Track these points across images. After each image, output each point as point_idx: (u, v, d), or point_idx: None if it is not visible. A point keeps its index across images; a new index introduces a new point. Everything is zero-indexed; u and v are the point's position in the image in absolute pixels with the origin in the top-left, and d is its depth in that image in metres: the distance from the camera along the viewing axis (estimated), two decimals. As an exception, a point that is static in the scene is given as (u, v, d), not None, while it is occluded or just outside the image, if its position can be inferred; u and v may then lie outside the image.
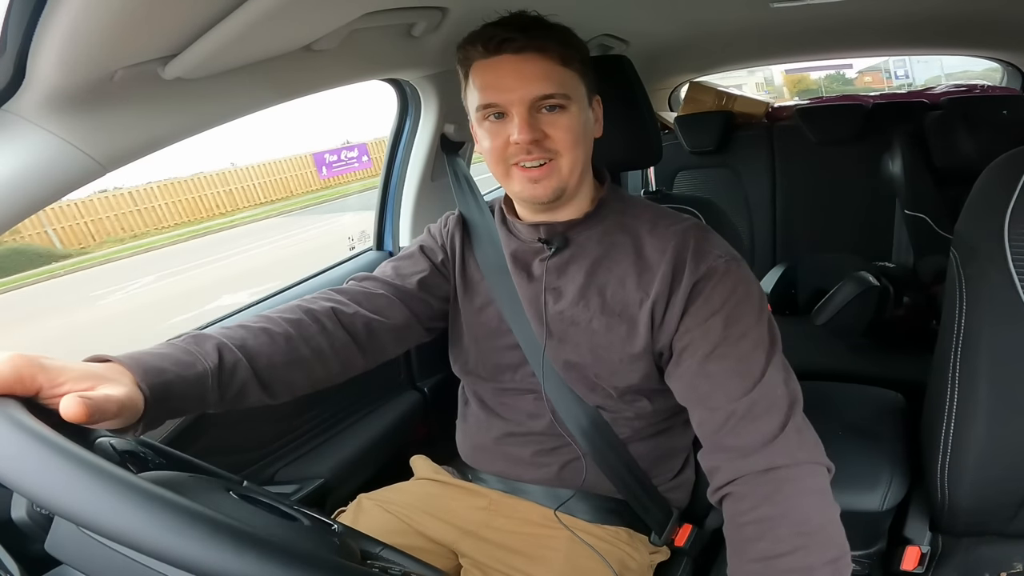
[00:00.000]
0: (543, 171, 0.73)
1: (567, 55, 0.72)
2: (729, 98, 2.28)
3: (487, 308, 0.85)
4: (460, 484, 0.90)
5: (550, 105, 0.71)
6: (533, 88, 0.70)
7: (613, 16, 1.31)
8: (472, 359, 0.88)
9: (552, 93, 0.71)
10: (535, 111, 0.72)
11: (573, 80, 0.73)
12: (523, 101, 0.71)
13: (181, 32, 0.62)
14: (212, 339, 0.65)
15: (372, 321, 0.79)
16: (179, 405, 0.59)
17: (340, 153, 10.67)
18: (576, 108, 0.73)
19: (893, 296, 1.57)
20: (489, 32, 0.72)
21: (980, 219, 0.77)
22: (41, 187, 0.63)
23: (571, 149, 0.73)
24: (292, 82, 0.87)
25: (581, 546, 0.80)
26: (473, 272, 0.87)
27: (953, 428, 0.79)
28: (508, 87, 0.71)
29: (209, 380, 0.62)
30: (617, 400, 0.80)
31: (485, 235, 0.87)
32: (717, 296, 0.72)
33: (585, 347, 0.78)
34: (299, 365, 0.72)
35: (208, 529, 0.37)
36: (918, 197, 1.70)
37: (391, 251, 1.33)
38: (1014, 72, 2.11)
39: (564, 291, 0.79)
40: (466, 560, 0.83)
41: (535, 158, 0.72)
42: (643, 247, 0.77)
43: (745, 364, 0.68)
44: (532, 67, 0.71)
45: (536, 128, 0.71)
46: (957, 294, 0.79)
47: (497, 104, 0.72)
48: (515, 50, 0.71)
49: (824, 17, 1.52)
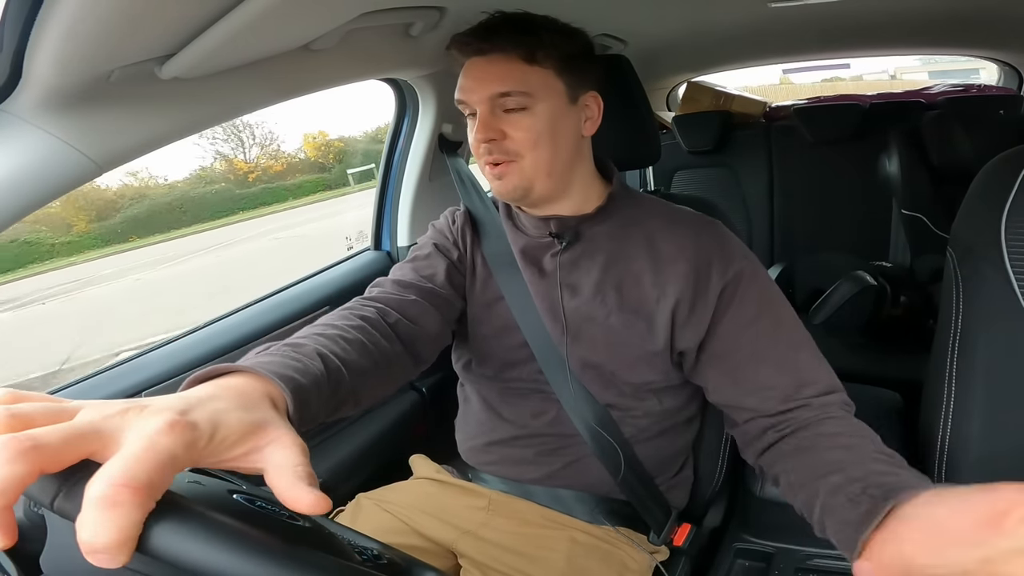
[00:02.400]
0: (503, 168, 0.75)
1: (535, 53, 0.72)
2: (727, 98, 2.29)
3: (496, 305, 0.84)
4: (459, 484, 0.90)
5: (510, 106, 0.72)
6: (492, 86, 0.72)
7: (611, 15, 1.31)
8: (478, 357, 0.87)
9: (508, 91, 0.72)
10: (497, 110, 0.73)
11: (542, 78, 0.73)
12: (481, 100, 0.73)
13: (178, 32, 0.62)
14: (310, 347, 0.57)
15: (413, 331, 0.74)
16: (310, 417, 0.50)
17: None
18: (543, 107, 0.73)
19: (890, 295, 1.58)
20: (464, 37, 0.74)
21: (977, 218, 0.77)
22: (37, 187, 0.63)
23: (532, 150, 0.73)
24: (290, 82, 0.87)
25: (581, 547, 0.80)
26: (481, 268, 0.86)
27: (950, 427, 0.79)
28: (470, 87, 0.74)
29: (324, 391, 0.54)
30: (630, 397, 0.80)
31: (492, 230, 0.86)
32: (751, 299, 0.73)
33: (602, 343, 0.78)
34: (377, 375, 0.65)
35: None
36: (915, 197, 1.71)
37: (389, 251, 1.33)
38: (1011, 72, 2.11)
39: (579, 286, 0.79)
40: (465, 560, 0.83)
41: (494, 158, 0.74)
42: (657, 242, 0.77)
43: (791, 361, 0.71)
44: (494, 67, 0.73)
45: (493, 128, 0.73)
46: (954, 293, 0.79)
47: (464, 102, 0.75)
48: (479, 52, 0.73)
49: (822, 17, 1.52)
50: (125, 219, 18.24)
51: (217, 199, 18.73)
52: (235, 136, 21.82)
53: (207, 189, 19.48)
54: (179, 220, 17.82)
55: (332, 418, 0.58)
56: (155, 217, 17.95)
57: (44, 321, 8.61)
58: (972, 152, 1.56)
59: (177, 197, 19.25)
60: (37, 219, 16.24)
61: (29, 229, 15.78)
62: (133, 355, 0.96)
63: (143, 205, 18.54)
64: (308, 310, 1.13)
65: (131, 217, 18.25)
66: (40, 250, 15.96)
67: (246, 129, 21.98)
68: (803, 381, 0.69)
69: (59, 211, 16.95)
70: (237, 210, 17.91)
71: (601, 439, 0.79)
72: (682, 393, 0.84)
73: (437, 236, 0.89)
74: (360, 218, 2.91)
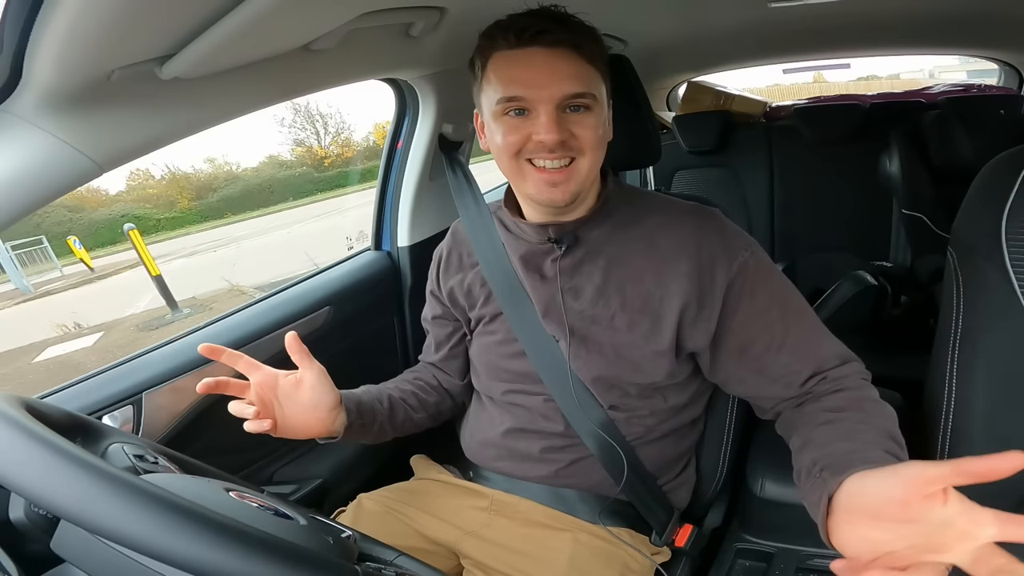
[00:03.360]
0: (563, 174, 0.70)
1: (596, 53, 0.70)
2: (727, 98, 2.28)
3: (496, 314, 0.85)
4: (462, 484, 0.90)
5: (576, 105, 0.69)
6: (565, 86, 0.68)
7: (611, 15, 1.31)
8: (482, 364, 0.89)
9: (583, 92, 0.69)
10: (561, 110, 0.69)
11: (598, 80, 0.71)
12: (553, 99, 0.68)
13: (178, 32, 0.62)
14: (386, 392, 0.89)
15: (454, 385, 0.97)
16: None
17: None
18: (599, 109, 0.71)
19: (891, 295, 1.58)
20: (523, 22, 0.68)
21: (977, 218, 0.77)
22: (38, 187, 0.63)
23: (593, 150, 0.71)
24: (290, 82, 0.87)
25: (584, 547, 0.80)
26: (478, 285, 0.87)
27: (951, 426, 0.79)
28: (537, 83, 0.68)
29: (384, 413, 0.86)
30: (635, 398, 0.80)
31: (486, 240, 0.86)
32: (759, 290, 0.74)
33: (608, 345, 0.78)
34: (414, 420, 0.92)
35: (198, 525, 0.38)
36: (915, 196, 1.71)
37: (389, 251, 1.33)
38: (1011, 72, 2.11)
39: (582, 290, 0.79)
40: (467, 561, 0.83)
41: (558, 157, 0.70)
42: (657, 240, 0.77)
43: (806, 342, 0.73)
44: (565, 64, 0.68)
45: (563, 128, 0.68)
46: (954, 293, 0.79)
47: (522, 99, 0.69)
48: (550, 43, 0.68)
49: (822, 16, 1.52)
50: (221, 198, 21.42)
51: (300, 181, 21.83)
52: (311, 125, 24.62)
53: (291, 172, 22.87)
54: (267, 199, 20.69)
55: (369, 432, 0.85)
56: (247, 197, 21.00)
57: (207, 267, 9.59)
58: (973, 152, 1.56)
59: (265, 179, 22.36)
60: (145, 198, 21.53)
61: (136, 206, 20.28)
62: (133, 355, 0.96)
63: (237, 186, 22.11)
64: (308, 310, 1.12)
65: (226, 196, 21.50)
66: (147, 224, 18.84)
67: (320, 119, 24.78)
68: (820, 359, 0.72)
69: (163, 191, 21.63)
70: (315, 191, 20.74)
71: (604, 442, 0.79)
72: (687, 389, 0.83)
73: (431, 282, 0.96)
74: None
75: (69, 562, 0.45)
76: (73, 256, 10.87)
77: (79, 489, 0.37)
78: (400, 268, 1.31)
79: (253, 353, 1.04)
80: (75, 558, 0.44)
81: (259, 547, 0.38)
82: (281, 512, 0.53)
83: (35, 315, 7.80)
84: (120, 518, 0.37)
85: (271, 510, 0.52)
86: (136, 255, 5.71)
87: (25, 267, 11.20)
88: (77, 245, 10.95)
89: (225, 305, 1.74)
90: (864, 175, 1.94)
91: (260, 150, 35.03)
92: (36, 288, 10.75)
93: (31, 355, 5.98)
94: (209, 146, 27.26)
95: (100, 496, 0.37)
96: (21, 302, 9.98)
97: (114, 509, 0.37)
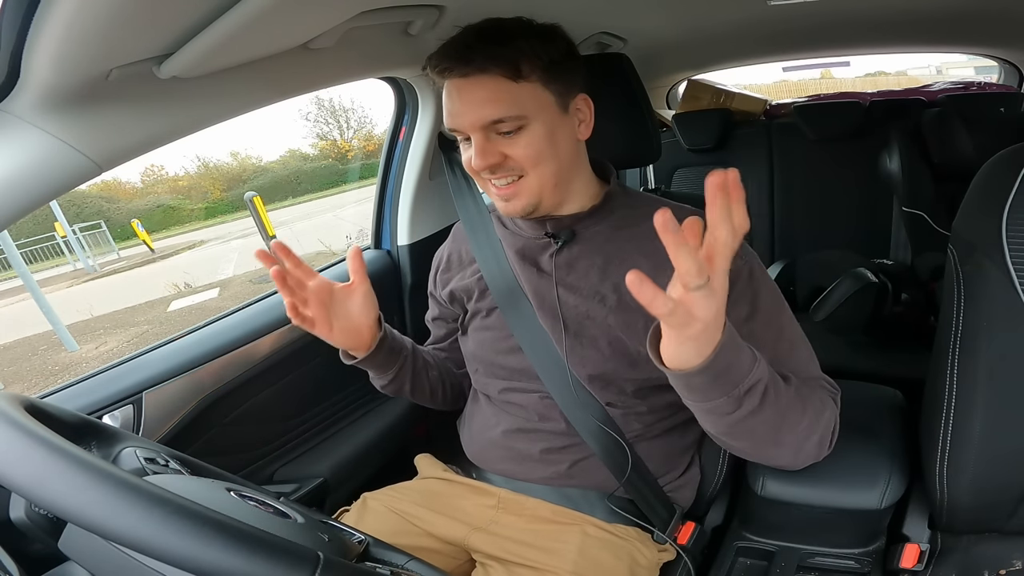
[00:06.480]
0: (511, 189, 0.74)
1: (520, 68, 0.69)
2: (727, 96, 2.28)
3: (492, 310, 0.85)
4: (468, 482, 0.90)
5: (505, 129, 0.70)
6: (483, 113, 0.70)
7: (610, 14, 1.30)
8: (479, 359, 0.88)
9: (502, 117, 0.69)
10: (491, 133, 0.71)
11: (531, 93, 0.70)
12: (474, 127, 0.71)
13: (176, 31, 0.62)
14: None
15: (452, 373, 1.00)
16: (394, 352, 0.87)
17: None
18: (537, 123, 0.71)
19: (891, 293, 1.58)
20: (434, 60, 0.71)
21: (978, 216, 0.77)
22: (36, 186, 0.63)
23: (535, 166, 0.72)
24: (289, 80, 0.86)
25: (593, 540, 0.80)
26: (475, 282, 0.87)
27: (952, 425, 0.79)
28: (459, 112, 0.71)
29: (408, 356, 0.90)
30: (631, 396, 0.80)
31: (484, 238, 0.86)
32: (744, 299, 0.73)
33: (603, 341, 0.78)
34: (429, 376, 0.95)
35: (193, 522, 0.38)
36: (916, 194, 1.70)
37: (389, 250, 1.33)
38: (1011, 70, 2.11)
39: (577, 286, 0.79)
40: (479, 555, 0.83)
41: (500, 177, 0.74)
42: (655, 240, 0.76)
43: (782, 362, 0.71)
44: (479, 91, 0.69)
45: (493, 152, 0.71)
46: (955, 291, 0.79)
47: (456, 129, 0.73)
48: (461, 75, 0.70)
49: (822, 14, 1.52)
50: (251, 188, 21.98)
51: (325, 172, 23.01)
52: (335, 120, 25.81)
53: (317, 164, 23.93)
54: (295, 190, 21.85)
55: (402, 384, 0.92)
56: (276, 187, 21.93)
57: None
58: (973, 150, 1.56)
59: (292, 171, 23.47)
60: (177, 189, 22.78)
61: (171, 197, 21.63)
62: (133, 355, 0.96)
63: (266, 177, 23.03)
64: None
65: (256, 188, 23.66)
66: (181, 214, 20.43)
67: (343, 114, 26.00)
68: (797, 372, 0.71)
69: (197, 182, 22.78)
70: (340, 182, 21.84)
71: (604, 439, 0.79)
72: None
73: (431, 282, 0.98)
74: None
75: (76, 561, 0.45)
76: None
77: (70, 486, 0.38)
78: (400, 267, 1.31)
79: (253, 353, 1.05)
80: (82, 558, 0.44)
81: (215, 528, 0.38)
82: (280, 511, 0.53)
83: (119, 287, 8.89)
84: (86, 502, 0.38)
85: (269, 508, 0.52)
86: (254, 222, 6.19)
87: (86, 250, 11.92)
88: (140, 228, 12.40)
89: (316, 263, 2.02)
90: (864, 173, 1.93)
91: (282, 144, 36.73)
92: (101, 268, 11.56)
93: (161, 307, 7.13)
94: (231, 141, 28.73)
95: (89, 493, 0.38)
96: (87, 280, 10.56)
97: (99, 503, 0.38)
